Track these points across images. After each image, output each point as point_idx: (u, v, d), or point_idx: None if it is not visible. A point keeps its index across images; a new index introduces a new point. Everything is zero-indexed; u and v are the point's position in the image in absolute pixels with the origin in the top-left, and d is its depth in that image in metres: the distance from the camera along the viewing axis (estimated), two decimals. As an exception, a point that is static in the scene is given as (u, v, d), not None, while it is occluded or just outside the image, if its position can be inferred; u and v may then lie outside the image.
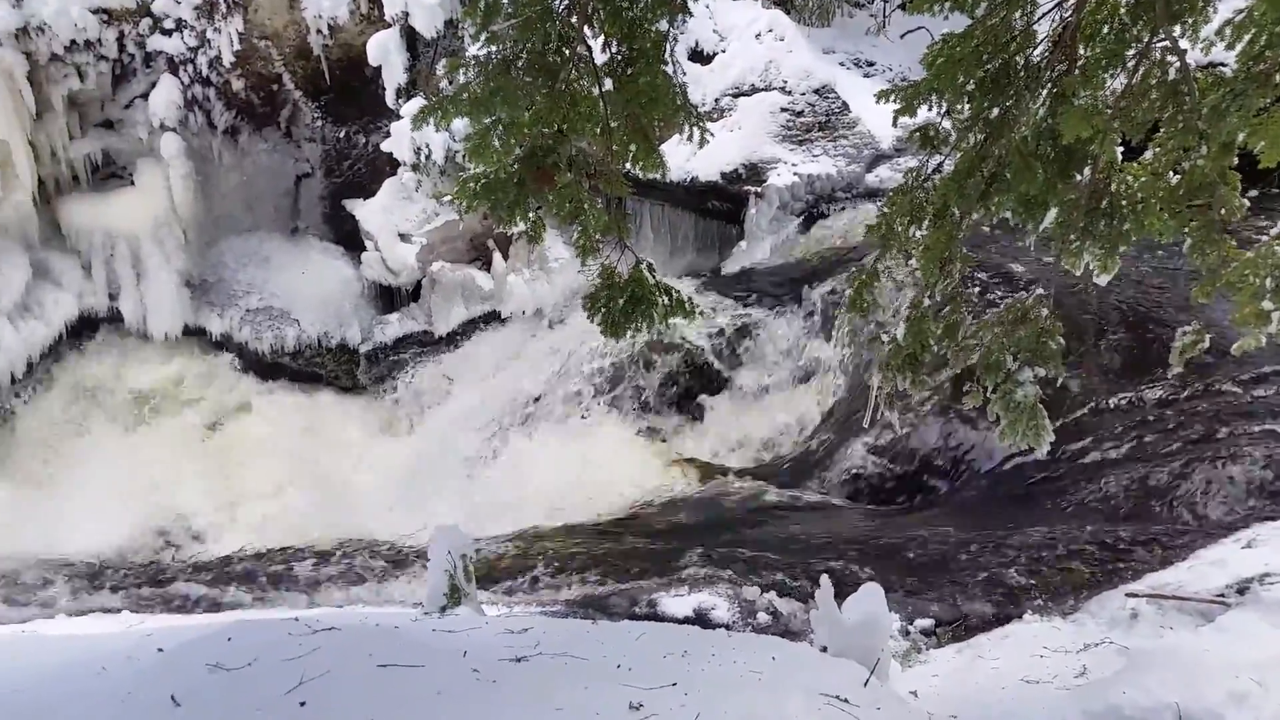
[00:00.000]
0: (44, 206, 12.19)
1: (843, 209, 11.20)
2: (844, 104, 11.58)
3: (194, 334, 12.58)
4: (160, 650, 3.51)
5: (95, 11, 11.59)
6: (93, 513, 10.30)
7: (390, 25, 11.98)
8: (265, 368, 12.60)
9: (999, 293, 9.06)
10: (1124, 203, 4.40)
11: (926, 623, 6.36)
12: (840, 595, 4.53)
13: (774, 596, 6.89)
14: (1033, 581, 6.56)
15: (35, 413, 11.86)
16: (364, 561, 8.61)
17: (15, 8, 11.14)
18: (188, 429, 12.00)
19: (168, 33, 12.07)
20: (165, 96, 12.21)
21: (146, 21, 11.96)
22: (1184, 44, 4.02)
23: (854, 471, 8.98)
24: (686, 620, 6.57)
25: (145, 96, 12.34)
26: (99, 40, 11.77)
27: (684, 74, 4.50)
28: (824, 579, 4.62)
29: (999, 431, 4.89)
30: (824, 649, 4.36)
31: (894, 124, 4.75)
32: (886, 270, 5.00)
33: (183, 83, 12.31)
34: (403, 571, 8.32)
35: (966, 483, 8.47)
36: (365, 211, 12.72)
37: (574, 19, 4.23)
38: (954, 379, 5.54)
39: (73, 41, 11.60)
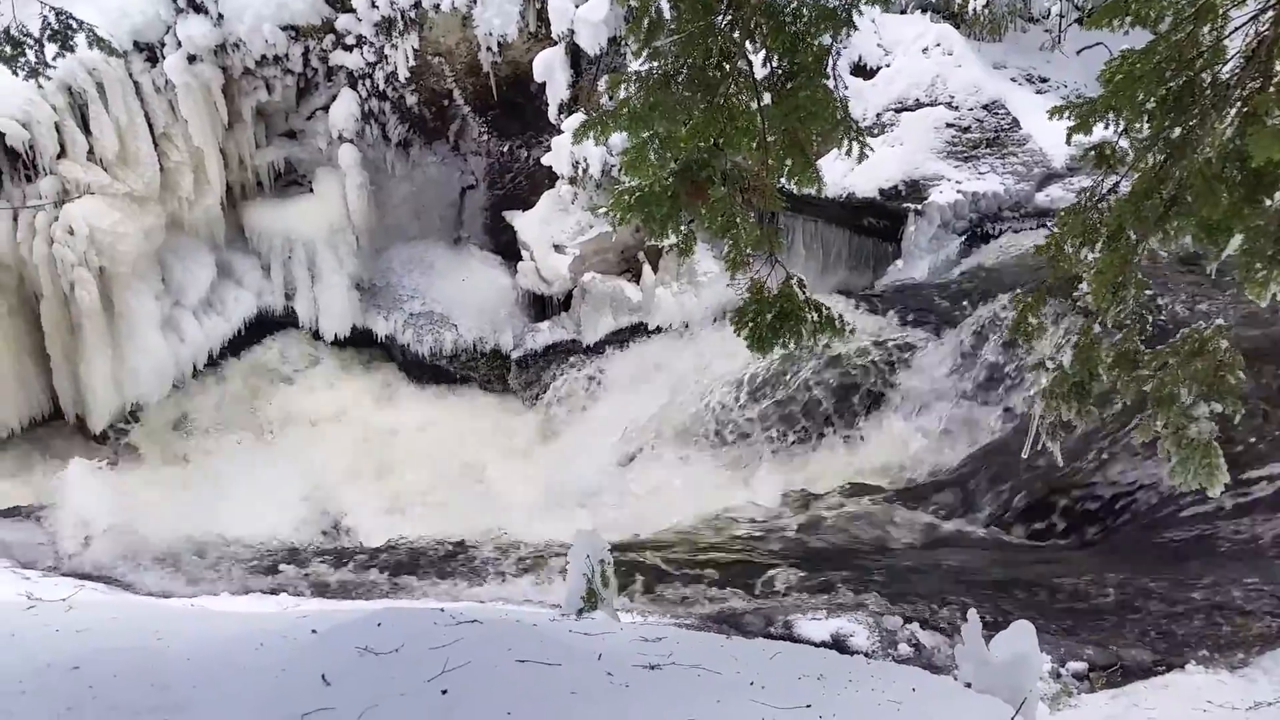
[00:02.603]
0: (230, 210, 13.07)
1: (1009, 228, 10.79)
2: (1014, 120, 11.18)
3: (361, 335, 13.21)
4: (314, 631, 3.69)
5: (285, 28, 12.36)
6: (258, 500, 10.90)
7: (556, 43, 12.30)
8: (424, 369, 13.11)
9: (1175, 321, 8.54)
10: (1321, 230, 4.08)
11: (1079, 665, 6.04)
12: (988, 631, 4.36)
13: (917, 628, 6.68)
14: (1198, 630, 6.13)
15: (210, 403, 12.69)
16: (506, 560, 8.82)
17: (216, 26, 12.01)
18: (349, 424, 12.59)
19: (349, 48, 12.75)
20: (344, 109, 12.89)
21: (330, 38, 12.66)
22: (1399, 58, 3.70)
23: (1010, 503, 8.61)
24: (823, 645, 6.46)
25: (326, 109, 13.06)
26: (286, 55, 12.55)
27: (845, 88, 4.46)
28: (972, 613, 4.45)
29: (1169, 469, 4.60)
30: (968, 685, 4.20)
31: (1068, 142, 4.56)
32: (1054, 293, 4.79)
33: (361, 96, 12.97)
34: (541, 572, 8.48)
35: (1131, 521, 7.99)
36: (523, 222, 13.09)
37: (736, 34, 4.25)
38: (1123, 411, 5.25)
39: (263, 57, 12.40)
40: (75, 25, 5.11)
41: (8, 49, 4.95)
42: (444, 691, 2.84)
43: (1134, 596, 6.76)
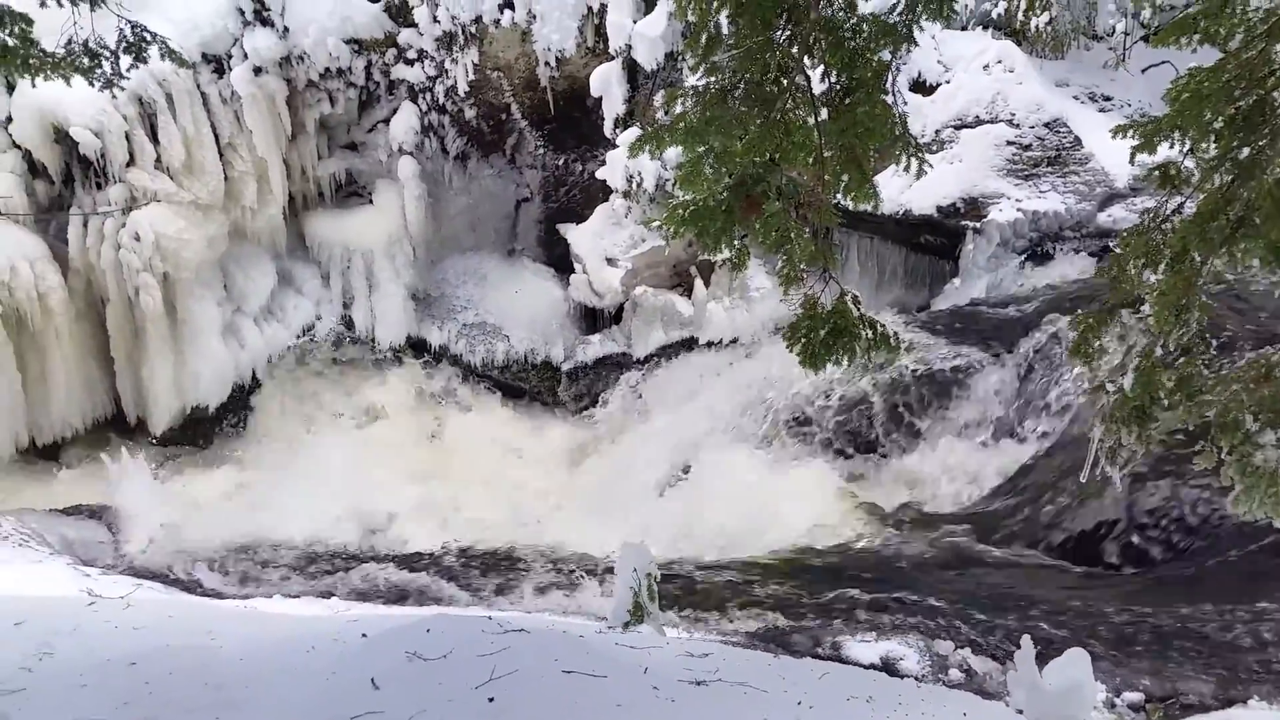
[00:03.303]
0: (292, 220, 13.32)
1: (1070, 248, 10.63)
2: (1076, 139, 11.02)
3: (415, 344, 13.38)
4: (364, 636, 3.74)
5: (348, 42, 12.60)
6: (311, 504, 11.05)
7: (613, 58, 12.39)
8: (476, 379, 13.23)
9: (1240, 346, 8.32)
10: (1396, 254, 3.96)
11: (1135, 696, 5.89)
12: (1042, 658, 4.27)
13: (968, 653, 6.57)
14: (1262, 664, 5.94)
15: (268, 408, 12.92)
16: (552, 570, 8.84)
17: (281, 39, 12.28)
18: (400, 432, 12.74)
19: (410, 63, 12.95)
20: (405, 122, 13.09)
21: (392, 52, 12.88)
22: None
23: (1065, 529, 8.43)
24: (871, 667, 6.37)
25: (386, 122, 13.27)
26: (349, 69, 12.78)
27: (904, 104, 4.43)
28: (1025, 640, 4.37)
29: (1232, 497, 4.48)
30: (1020, 712, 4.12)
31: (1131, 161, 4.50)
32: (1115, 315, 4.70)
33: (421, 110, 13.17)
34: (584, 583, 8.48)
35: (1191, 550, 7.79)
36: (577, 235, 13.18)
37: (794, 49, 4.24)
38: (1185, 437, 5.14)
39: (326, 69, 12.64)
40: (149, 38, 5.27)
41: (85, 60, 5.12)
42: (491, 699, 2.85)
43: (1195, 627, 6.59)
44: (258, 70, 12.15)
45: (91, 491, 11.46)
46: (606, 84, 12.44)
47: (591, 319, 13.30)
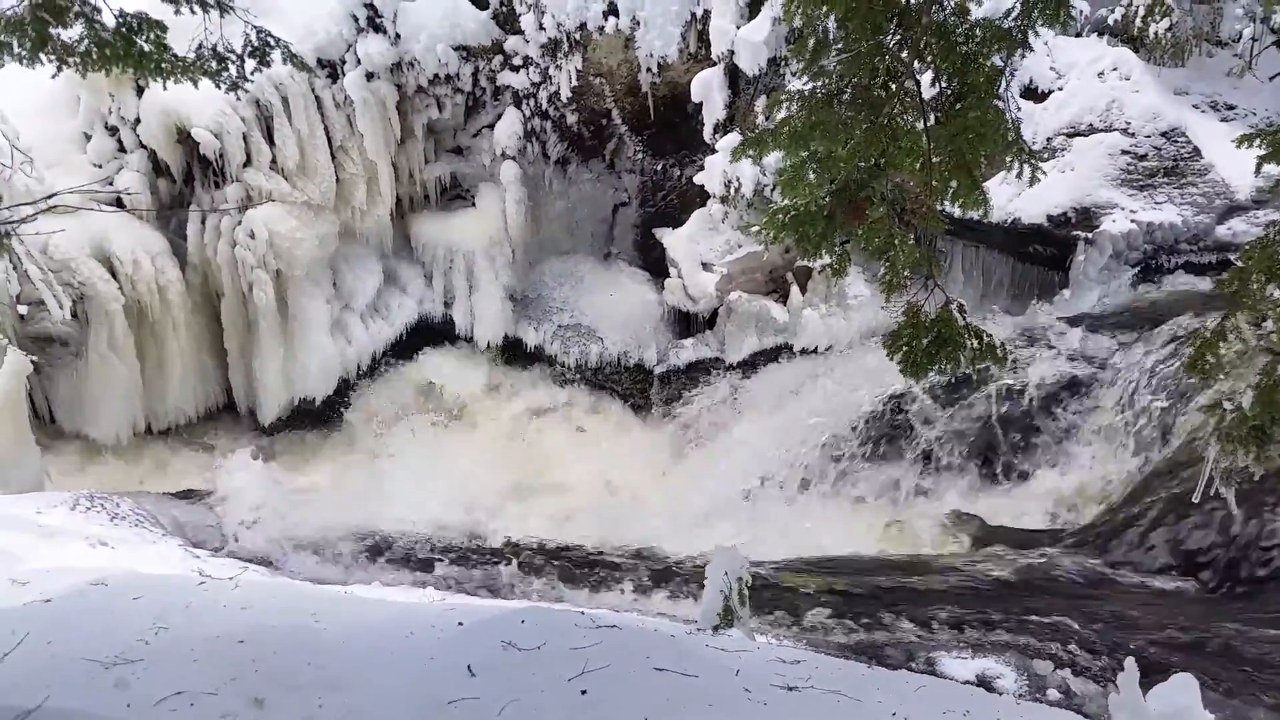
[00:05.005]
0: (398, 221, 13.69)
1: (1186, 262, 10.24)
2: (1195, 149, 10.61)
3: (511, 344, 13.61)
4: (461, 624, 3.82)
5: (457, 49, 12.88)
6: (408, 496, 11.32)
7: (715, 64, 12.40)
8: (569, 380, 13.38)
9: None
10: None
11: (1249, 731, 5.63)
12: (1147, 683, 4.11)
13: (1068, 674, 6.38)
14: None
15: (371, 402, 13.28)
16: (640, 571, 8.88)
17: (393, 45, 12.63)
18: (495, 429, 12.97)
19: (515, 69, 13.18)
20: (508, 128, 13.34)
21: (498, 58, 13.12)
22: None
23: (1176, 550, 8.11)
24: (967, 684, 6.23)
25: (491, 127, 13.53)
26: (457, 74, 13.07)
27: (1017, 110, 4.32)
28: (1129, 662, 4.21)
29: (1361, 524, 4.26)
30: (1122, 737, 3.97)
31: (1257, 172, 4.34)
32: (1235, 331, 4.52)
33: (524, 115, 13.39)
34: (669, 586, 8.49)
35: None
36: (673, 240, 13.21)
37: (904, 53, 4.20)
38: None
39: (435, 75, 12.95)
40: (272, 43, 5.50)
41: (213, 64, 5.37)
42: (584, 692, 2.89)
43: (1314, 661, 6.27)
44: (370, 75, 12.51)
45: (202, 477, 11.96)
46: (707, 89, 12.45)
47: (685, 323, 13.32)
